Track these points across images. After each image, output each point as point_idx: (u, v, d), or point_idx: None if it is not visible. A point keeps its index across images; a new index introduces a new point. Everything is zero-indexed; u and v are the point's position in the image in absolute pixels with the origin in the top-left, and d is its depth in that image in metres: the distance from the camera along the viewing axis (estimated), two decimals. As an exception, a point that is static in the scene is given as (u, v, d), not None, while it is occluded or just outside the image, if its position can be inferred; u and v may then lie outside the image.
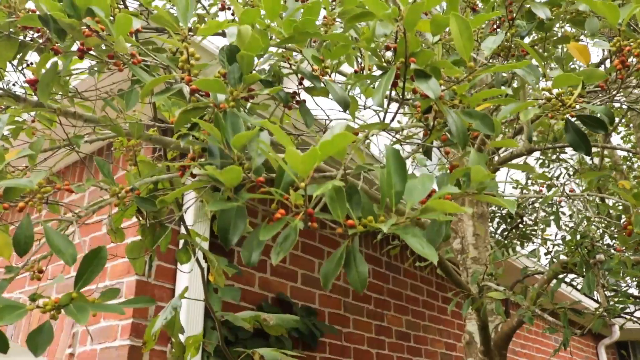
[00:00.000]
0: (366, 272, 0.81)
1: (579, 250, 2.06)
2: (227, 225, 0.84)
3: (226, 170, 0.70)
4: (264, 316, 1.90)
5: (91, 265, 0.92)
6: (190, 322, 2.91)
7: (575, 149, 1.13)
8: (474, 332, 2.83)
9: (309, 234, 3.98)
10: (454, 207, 0.73)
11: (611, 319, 2.13)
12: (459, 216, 2.98)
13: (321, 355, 3.77)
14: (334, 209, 0.84)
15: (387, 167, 0.84)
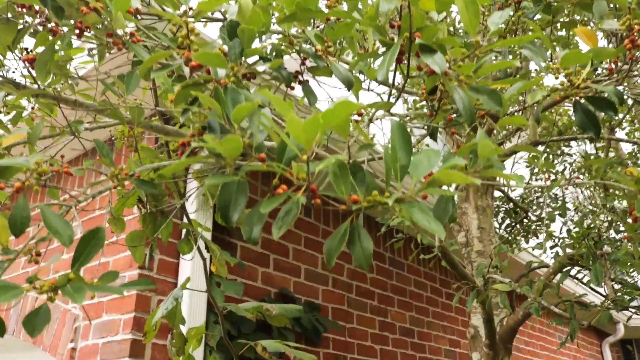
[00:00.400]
0: (371, 248, 0.79)
1: (585, 242, 2.03)
2: (228, 202, 0.82)
3: (226, 139, 0.68)
4: (267, 306, 1.88)
5: (88, 245, 0.90)
6: (193, 316, 2.89)
7: (584, 130, 1.11)
8: (479, 326, 2.81)
9: (312, 229, 3.95)
10: (461, 177, 0.71)
11: (618, 311, 2.11)
12: (463, 209, 2.96)
13: (324, 350, 3.75)
14: (338, 185, 0.81)
15: (392, 141, 0.81)
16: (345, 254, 4.20)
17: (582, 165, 4.28)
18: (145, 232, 1.76)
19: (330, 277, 3.99)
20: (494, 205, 3.09)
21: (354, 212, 0.80)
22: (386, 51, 0.91)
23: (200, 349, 2.81)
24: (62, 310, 3.22)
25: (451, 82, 0.95)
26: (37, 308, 0.89)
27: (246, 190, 0.83)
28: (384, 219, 2.73)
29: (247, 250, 3.42)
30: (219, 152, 0.74)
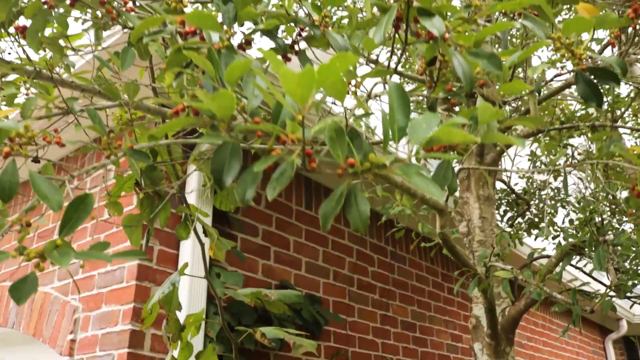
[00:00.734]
0: (368, 211, 0.77)
1: (588, 227, 2.00)
2: (222, 166, 0.80)
3: (218, 94, 0.66)
4: (265, 292, 1.86)
5: (77, 211, 0.88)
6: (192, 305, 2.87)
7: (586, 101, 1.08)
8: (480, 316, 2.78)
9: (312, 222, 3.93)
10: (460, 135, 0.69)
11: (621, 298, 2.08)
12: (465, 199, 2.93)
13: (325, 343, 3.73)
14: (334, 149, 0.79)
15: (390, 103, 0.79)
16: (345, 247, 4.18)
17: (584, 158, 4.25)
18: (142, 215, 1.75)
19: (331, 270, 3.97)
20: (495, 196, 3.06)
21: (350, 175, 0.78)
22: (383, 15, 0.89)
23: (200, 339, 2.79)
24: (62, 302, 3.21)
25: (450, 47, 0.93)
26: (25, 276, 0.87)
27: (240, 154, 0.81)
28: (384, 208, 2.71)
29: (248, 242, 3.40)
30: (212, 112, 0.72)
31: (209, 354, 2.06)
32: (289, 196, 3.81)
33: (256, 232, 3.48)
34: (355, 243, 4.29)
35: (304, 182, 3.99)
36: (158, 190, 1.75)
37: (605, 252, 1.88)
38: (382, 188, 2.67)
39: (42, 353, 3.50)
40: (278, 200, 3.71)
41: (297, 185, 3.92)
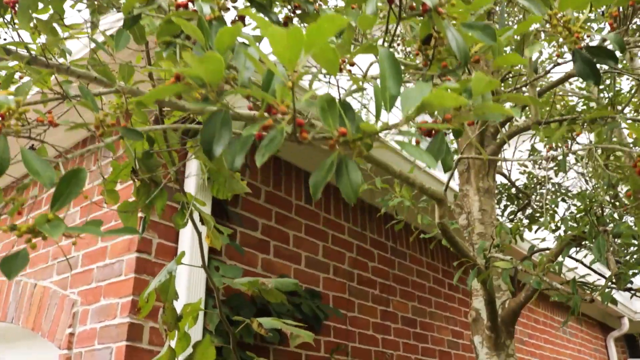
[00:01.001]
0: (359, 179, 0.76)
1: (588, 217, 1.99)
2: (211, 136, 0.79)
3: (205, 57, 0.65)
4: (262, 280, 1.85)
5: (69, 186, 0.87)
6: (191, 299, 2.86)
7: (584, 79, 1.07)
8: (480, 309, 2.77)
9: (312, 216, 3.92)
10: (452, 99, 0.68)
11: (622, 288, 2.06)
12: (464, 191, 2.92)
13: (325, 338, 3.71)
14: (325, 118, 0.78)
15: (381, 71, 0.78)
16: (346, 242, 4.17)
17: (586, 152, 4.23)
18: (139, 202, 1.73)
19: (331, 265, 3.96)
20: (495, 188, 3.05)
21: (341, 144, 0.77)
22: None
23: (199, 332, 2.78)
24: (61, 296, 3.20)
25: (444, 21, 0.92)
26: (16, 251, 0.86)
27: (230, 124, 0.80)
28: (383, 200, 2.69)
29: (247, 236, 3.39)
30: (201, 78, 0.71)
31: (207, 344, 2.05)
32: (289, 190, 3.80)
33: (256, 226, 3.47)
34: (356, 238, 4.28)
35: (304, 176, 3.98)
36: (155, 178, 1.74)
37: (605, 241, 1.87)
38: (382, 180, 2.66)
39: (43, 348, 3.49)
40: (277, 195, 3.70)
41: (297, 180, 3.90)
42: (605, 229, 1.98)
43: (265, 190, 3.62)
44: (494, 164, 2.91)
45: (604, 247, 1.85)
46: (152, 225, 2.93)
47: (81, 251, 3.22)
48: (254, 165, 3.59)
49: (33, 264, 3.59)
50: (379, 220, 4.61)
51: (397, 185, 2.55)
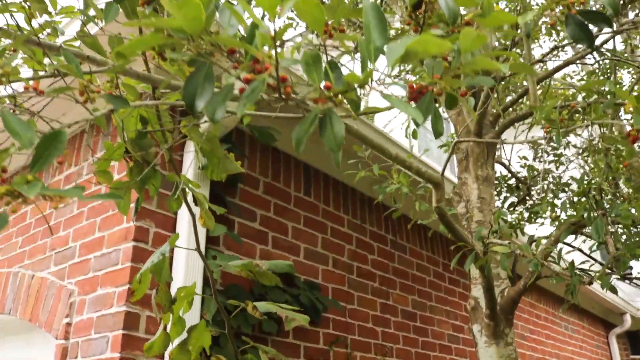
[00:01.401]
0: (342, 132, 0.74)
1: (587, 199, 1.96)
2: (194, 91, 0.77)
3: (183, 2, 0.63)
4: (256, 262, 1.83)
5: (48, 148, 0.85)
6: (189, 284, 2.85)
7: (577, 42, 1.05)
8: (479, 297, 2.75)
9: (312, 208, 3.91)
10: (436, 44, 0.66)
11: (621, 272, 2.04)
12: (463, 180, 2.90)
13: (324, 330, 3.70)
14: (310, 73, 0.76)
15: (366, 23, 0.76)
16: (345, 235, 4.15)
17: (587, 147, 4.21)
18: (132, 183, 1.72)
19: (330, 257, 3.94)
20: (494, 176, 3.03)
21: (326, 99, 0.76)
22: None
23: (195, 319, 2.76)
24: (58, 287, 3.19)
25: (434, -20, 0.90)
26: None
27: (213, 79, 0.78)
28: (381, 187, 2.68)
29: (246, 226, 3.38)
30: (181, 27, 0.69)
31: (202, 329, 2.03)
32: (288, 182, 3.79)
33: (254, 217, 3.46)
34: (355, 230, 4.26)
35: (303, 168, 3.96)
36: (148, 158, 1.72)
37: (604, 222, 1.85)
38: (380, 167, 2.64)
39: (42, 341, 3.48)
40: (276, 186, 3.68)
41: (296, 171, 3.89)
42: (604, 212, 1.96)
43: (264, 181, 3.61)
44: (492, 151, 2.89)
45: (602, 229, 1.83)
46: (149, 214, 2.91)
47: (78, 241, 3.21)
48: (252, 156, 3.57)
49: (31, 255, 3.58)
50: (379, 212, 4.59)
51: (395, 172, 2.53)
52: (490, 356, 2.65)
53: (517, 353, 2.68)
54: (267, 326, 3.14)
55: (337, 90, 0.76)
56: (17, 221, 3.89)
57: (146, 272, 1.75)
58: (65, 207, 3.46)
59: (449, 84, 0.89)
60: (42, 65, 1.79)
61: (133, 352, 2.66)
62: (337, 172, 4.19)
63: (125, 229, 2.90)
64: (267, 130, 3.17)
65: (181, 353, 1.95)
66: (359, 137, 2.00)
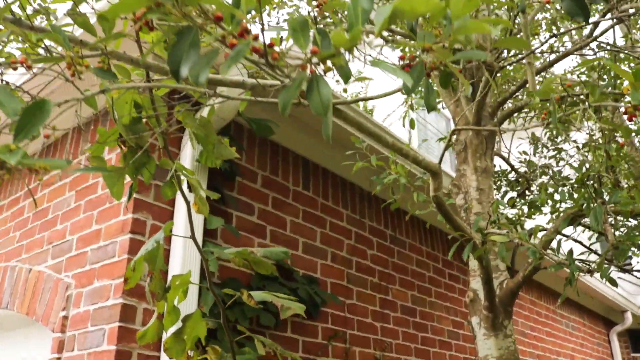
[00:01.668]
0: (329, 95, 0.72)
1: (586, 188, 1.94)
2: (179, 57, 0.75)
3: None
4: (250, 250, 1.82)
5: (33, 117, 0.84)
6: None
7: (572, 17, 1.03)
8: (478, 289, 2.73)
9: (310, 203, 3.89)
10: (425, 3, 0.64)
11: (621, 261, 2.02)
12: (462, 171, 2.88)
13: (323, 325, 3.68)
14: (297, 39, 0.75)
15: (354, -15, 0.75)
16: (344, 229, 4.13)
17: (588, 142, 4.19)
18: (125, 169, 1.70)
19: (329, 251, 3.92)
20: (493, 167, 3.01)
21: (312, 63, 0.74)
22: None
23: (192, 309, 2.75)
24: (55, 280, 3.17)
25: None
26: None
27: (198, 46, 0.76)
28: (378, 178, 2.66)
29: (243, 220, 3.36)
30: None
31: (197, 318, 2.01)
32: (286, 176, 3.77)
33: (252, 210, 3.44)
34: (354, 225, 4.25)
35: (302, 162, 3.94)
36: (142, 144, 1.71)
37: (602, 210, 1.82)
38: (377, 157, 2.62)
39: (39, 335, 3.46)
40: (274, 180, 3.67)
41: (295, 166, 3.87)
42: (603, 201, 1.94)
43: (262, 175, 3.59)
44: (491, 143, 2.87)
45: (600, 216, 1.81)
46: (146, 206, 2.90)
47: (75, 235, 3.19)
48: (250, 150, 3.56)
49: (28, 249, 3.56)
50: (378, 207, 4.57)
51: (392, 163, 2.52)
52: (489, 348, 2.63)
53: (516, 345, 2.66)
54: (264, 319, 3.12)
55: (325, 54, 0.74)
56: (14, 215, 3.87)
57: (140, 260, 1.73)
58: (62, 200, 3.45)
59: (440, 55, 0.87)
60: (34, 49, 1.77)
61: (129, 345, 2.65)
62: (337, 167, 4.18)
63: (122, 221, 2.88)
64: (265, 122, 3.15)
65: (176, 342, 1.93)
66: (355, 124, 1.98)
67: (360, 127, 2.02)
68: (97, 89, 1.34)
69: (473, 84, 2.68)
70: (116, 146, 1.77)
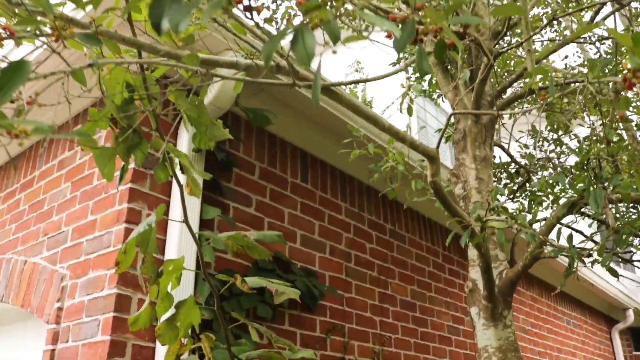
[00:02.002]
0: (313, 45, 0.69)
1: (585, 171, 1.90)
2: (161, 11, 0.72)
3: None
4: (244, 233, 1.78)
5: (12, 77, 0.80)
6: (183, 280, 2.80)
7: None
8: (477, 279, 2.69)
9: (309, 195, 3.86)
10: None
11: (622, 248, 1.97)
12: (460, 160, 2.85)
13: (321, 318, 3.64)
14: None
15: None
16: (342, 222, 4.10)
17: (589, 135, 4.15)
18: (117, 151, 1.67)
19: (327, 244, 3.89)
20: (492, 157, 2.97)
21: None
22: None
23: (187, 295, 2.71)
24: (50, 271, 3.14)
25: None
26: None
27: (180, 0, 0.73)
28: (376, 166, 2.62)
29: (241, 211, 3.33)
30: None
31: (191, 305, 1.98)
32: (284, 168, 3.74)
33: (249, 202, 3.41)
34: (353, 219, 4.21)
35: (300, 154, 3.91)
36: (133, 124, 1.68)
37: (602, 193, 1.78)
38: (375, 146, 2.59)
39: (36, 329, 3.43)
40: (272, 172, 3.63)
41: (293, 158, 3.84)
42: (604, 186, 1.90)
43: (260, 167, 3.56)
44: (491, 132, 2.84)
45: (601, 199, 1.77)
46: (142, 196, 2.87)
47: (71, 226, 3.16)
48: (248, 141, 3.52)
49: (24, 241, 3.54)
50: (377, 201, 4.54)
51: (390, 150, 2.48)
52: (488, 339, 2.60)
53: (516, 336, 2.63)
54: (261, 311, 3.09)
55: (310, 5, 0.71)
56: (10, 208, 3.85)
57: (131, 242, 1.70)
58: (58, 191, 3.42)
59: (432, 17, 0.84)
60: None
61: (124, 335, 2.62)
62: (335, 160, 4.15)
63: (117, 211, 2.85)
64: (262, 112, 3.12)
65: (168, 329, 1.90)
66: (351, 106, 1.95)
67: (355, 110, 1.99)
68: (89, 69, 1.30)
69: (472, 71, 2.65)
70: (109, 128, 1.74)
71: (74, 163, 3.40)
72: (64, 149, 3.57)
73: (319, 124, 3.85)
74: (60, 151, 3.59)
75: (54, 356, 2.86)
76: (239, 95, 3.08)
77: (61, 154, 3.57)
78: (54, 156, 3.63)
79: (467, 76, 2.11)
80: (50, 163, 3.64)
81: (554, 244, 1.97)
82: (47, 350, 2.89)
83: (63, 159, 3.52)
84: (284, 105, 3.63)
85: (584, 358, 7.54)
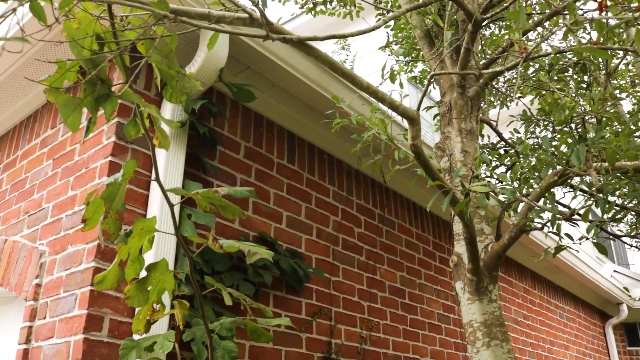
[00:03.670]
0: None
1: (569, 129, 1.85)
2: None
3: None
4: (215, 189, 1.73)
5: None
6: (161, 249, 2.75)
7: None
8: (462, 253, 2.64)
9: (295, 177, 3.80)
10: None
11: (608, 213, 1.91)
12: (446, 134, 2.80)
13: (307, 300, 3.59)
14: None
15: None
16: (330, 205, 4.05)
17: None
18: (84, 102, 1.62)
19: (314, 227, 3.84)
20: (478, 130, 2.92)
21: None
22: None
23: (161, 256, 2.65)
24: (29, 249, 3.09)
25: None
26: None
27: None
28: (359, 136, 2.57)
29: (224, 189, 3.27)
30: None
31: (163, 268, 1.93)
32: (270, 148, 3.68)
33: (234, 181, 3.36)
34: (341, 202, 4.16)
35: (287, 135, 3.86)
36: (102, 75, 1.62)
37: (585, 149, 1.73)
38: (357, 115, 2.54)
39: (18, 308, 3.37)
40: (258, 151, 3.58)
41: (279, 138, 3.79)
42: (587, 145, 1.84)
43: (245, 146, 3.50)
44: (477, 105, 2.79)
45: (583, 155, 1.71)
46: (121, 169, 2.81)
47: (51, 202, 3.11)
48: (233, 119, 3.47)
49: (5, 220, 3.48)
50: (366, 186, 4.49)
51: (372, 117, 2.43)
52: (473, 313, 2.54)
53: (501, 311, 2.58)
54: (244, 289, 3.04)
55: None
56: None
57: (97, 198, 1.64)
58: (39, 169, 3.36)
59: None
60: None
61: (101, 309, 2.56)
62: (323, 142, 4.10)
63: (97, 184, 2.80)
64: (246, 87, 3.07)
65: (138, 291, 1.85)
66: (328, 63, 1.90)
67: (334, 67, 1.93)
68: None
69: (457, 46, 2.59)
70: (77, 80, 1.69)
71: (56, 140, 3.34)
72: (47, 127, 3.51)
73: (307, 105, 3.80)
74: (44, 129, 3.53)
75: (31, 333, 2.80)
76: (223, 70, 3.02)
77: (44, 132, 3.52)
78: (37, 135, 3.57)
79: (448, 37, 2.06)
80: (33, 142, 3.58)
81: (538, 205, 1.92)
82: (25, 327, 2.83)
83: (45, 137, 3.47)
84: (270, 84, 3.58)
85: (577, 352, 7.48)
